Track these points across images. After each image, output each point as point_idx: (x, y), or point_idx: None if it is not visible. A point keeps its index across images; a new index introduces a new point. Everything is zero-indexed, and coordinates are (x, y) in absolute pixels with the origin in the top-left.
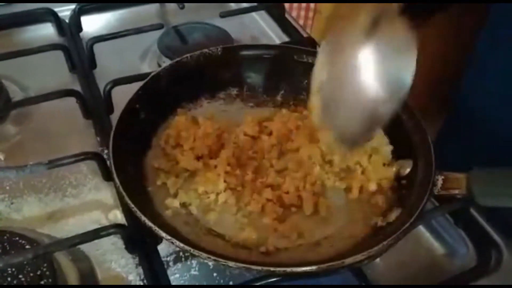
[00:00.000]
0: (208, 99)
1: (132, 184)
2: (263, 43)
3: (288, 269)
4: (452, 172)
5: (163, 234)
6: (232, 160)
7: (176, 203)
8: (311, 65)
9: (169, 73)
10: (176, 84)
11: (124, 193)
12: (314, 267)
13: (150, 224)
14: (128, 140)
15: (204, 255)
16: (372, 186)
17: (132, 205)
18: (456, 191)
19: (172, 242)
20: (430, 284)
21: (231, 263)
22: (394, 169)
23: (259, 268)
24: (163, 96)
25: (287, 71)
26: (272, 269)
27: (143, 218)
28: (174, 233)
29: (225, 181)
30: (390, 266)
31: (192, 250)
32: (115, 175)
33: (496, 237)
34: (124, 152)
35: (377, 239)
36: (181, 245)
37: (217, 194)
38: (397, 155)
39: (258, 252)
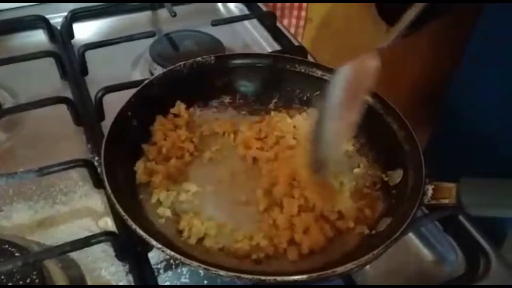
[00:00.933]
0: (201, 107)
1: (123, 192)
2: (255, 52)
3: (279, 278)
4: (442, 182)
5: (154, 243)
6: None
7: (168, 212)
8: (303, 74)
9: (162, 81)
10: (169, 92)
11: (115, 201)
12: (305, 276)
13: (141, 232)
14: (120, 148)
15: (195, 263)
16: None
17: (123, 214)
18: (446, 201)
19: (163, 251)
20: (424, 284)
21: (222, 272)
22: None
23: (250, 277)
24: (155, 104)
25: (279, 80)
26: (262, 277)
27: (134, 226)
28: (165, 242)
29: None
30: (380, 273)
31: (183, 258)
32: (106, 183)
33: (484, 244)
34: (115, 159)
35: (368, 248)
36: (172, 253)
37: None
38: (388, 164)
39: (250, 260)
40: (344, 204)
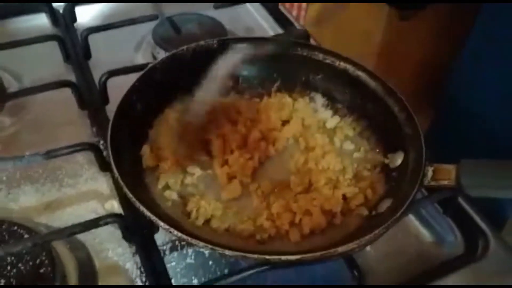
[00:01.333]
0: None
1: (130, 175)
2: (257, 36)
3: (283, 257)
4: (441, 164)
5: (161, 224)
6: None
7: (174, 195)
8: (305, 58)
9: (166, 65)
10: (172, 76)
11: (123, 184)
12: (308, 255)
13: (148, 214)
14: (126, 132)
15: (202, 244)
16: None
17: (131, 196)
18: (446, 182)
19: (170, 232)
20: (428, 284)
21: (227, 252)
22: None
23: (255, 256)
24: (159, 88)
25: (281, 64)
26: (267, 257)
27: (141, 208)
28: (172, 223)
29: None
30: (380, 254)
31: (189, 239)
32: (114, 167)
33: (483, 225)
34: (121, 143)
35: (369, 229)
36: (179, 234)
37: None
38: (389, 146)
39: (254, 240)
40: (346, 186)
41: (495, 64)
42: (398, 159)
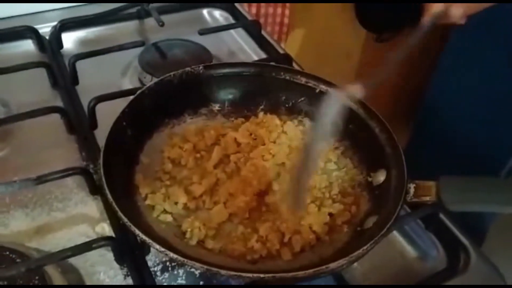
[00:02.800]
0: (191, 115)
1: (123, 199)
2: (242, 61)
3: (277, 275)
4: (422, 181)
5: (157, 247)
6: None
7: (169, 218)
8: (288, 81)
9: (154, 91)
10: (160, 101)
11: (117, 209)
12: (301, 272)
13: (144, 237)
14: (117, 156)
15: (198, 265)
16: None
17: (126, 220)
18: (427, 198)
19: (166, 254)
20: (418, 284)
21: (223, 271)
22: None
23: (250, 275)
24: (148, 113)
25: (266, 87)
26: (262, 275)
27: (137, 232)
28: (167, 246)
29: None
30: (366, 269)
31: (186, 260)
32: (107, 191)
33: (464, 240)
34: (113, 167)
35: (358, 245)
36: (175, 256)
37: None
38: (371, 165)
39: (245, 260)
40: (332, 204)
41: (466, 83)
42: (380, 177)
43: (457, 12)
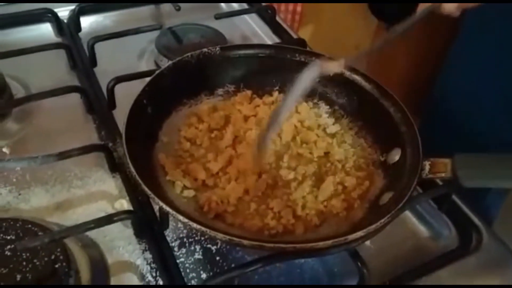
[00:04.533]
0: (207, 95)
1: (145, 173)
2: (258, 43)
3: (298, 245)
4: (438, 158)
5: (180, 217)
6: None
7: (191, 193)
8: (303, 63)
9: (172, 71)
10: (178, 81)
11: (141, 182)
12: (320, 243)
13: (167, 208)
14: (138, 133)
15: (220, 235)
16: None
17: (150, 192)
18: (443, 174)
19: (189, 225)
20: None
21: (245, 242)
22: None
23: (272, 245)
24: (167, 92)
25: (280, 69)
26: (283, 245)
27: (160, 203)
28: (189, 217)
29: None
30: (380, 249)
31: (208, 230)
32: (131, 165)
33: (476, 220)
34: (135, 144)
35: (374, 219)
36: (198, 226)
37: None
38: (385, 144)
39: (263, 235)
40: (344, 177)
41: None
42: (395, 156)
43: (452, 7)
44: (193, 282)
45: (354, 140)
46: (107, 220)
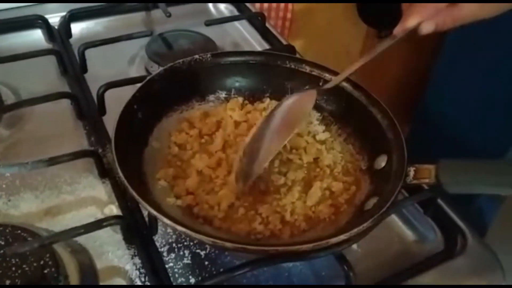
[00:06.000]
0: (199, 101)
1: (133, 177)
2: (249, 50)
3: (280, 248)
4: (422, 164)
5: (167, 221)
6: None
7: (179, 201)
8: (293, 70)
9: (163, 77)
10: (169, 87)
11: (129, 186)
12: (303, 246)
13: (154, 213)
14: (128, 138)
15: (205, 238)
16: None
17: (138, 196)
18: (426, 180)
19: (174, 227)
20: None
21: (228, 244)
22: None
23: (254, 248)
24: (158, 98)
25: (271, 76)
26: (266, 248)
27: (148, 207)
28: (175, 221)
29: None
30: (367, 252)
31: (193, 234)
32: (119, 169)
33: (461, 224)
34: (124, 148)
35: (358, 222)
36: (183, 229)
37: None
38: (372, 150)
39: (250, 239)
40: (331, 182)
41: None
42: (382, 162)
43: (429, 28)
44: None
45: (343, 146)
46: (96, 225)
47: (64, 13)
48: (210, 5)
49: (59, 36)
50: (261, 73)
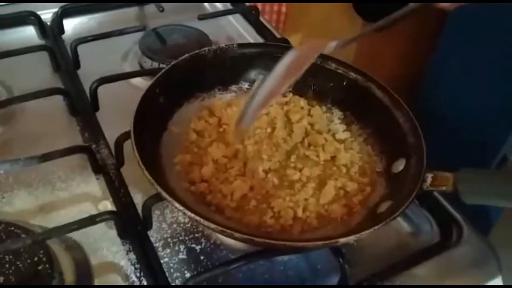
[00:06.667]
0: (221, 90)
1: (148, 159)
2: (276, 43)
3: (288, 243)
4: (441, 171)
5: (176, 205)
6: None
7: (193, 188)
8: (318, 66)
9: (187, 64)
10: (192, 74)
11: (143, 167)
12: (310, 244)
13: (165, 195)
14: (147, 120)
15: (213, 225)
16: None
17: (150, 177)
18: (444, 188)
19: (184, 213)
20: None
21: (237, 234)
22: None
23: (262, 240)
24: (180, 83)
25: None
26: (273, 241)
27: (159, 189)
28: (185, 205)
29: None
30: (363, 244)
31: (201, 220)
32: (135, 149)
33: (456, 215)
34: (143, 129)
35: (369, 225)
36: (192, 215)
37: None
38: (391, 153)
39: (260, 231)
40: (347, 182)
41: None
42: (400, 166)
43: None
44: (178, 282)
45: (362, 147)
46: (90, 221)
47: (56, 9)
48: None
49: (51, 32)
50: None
